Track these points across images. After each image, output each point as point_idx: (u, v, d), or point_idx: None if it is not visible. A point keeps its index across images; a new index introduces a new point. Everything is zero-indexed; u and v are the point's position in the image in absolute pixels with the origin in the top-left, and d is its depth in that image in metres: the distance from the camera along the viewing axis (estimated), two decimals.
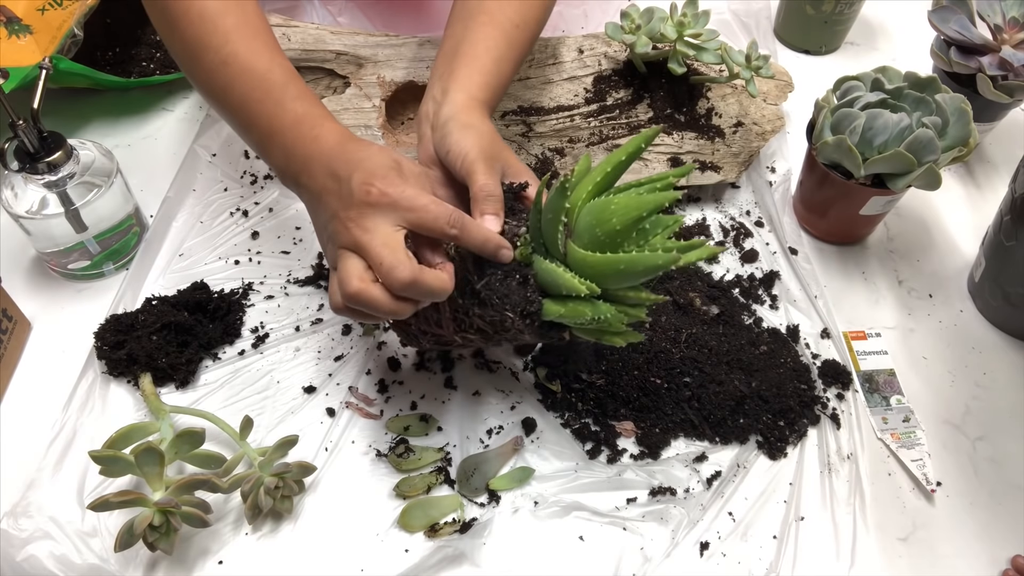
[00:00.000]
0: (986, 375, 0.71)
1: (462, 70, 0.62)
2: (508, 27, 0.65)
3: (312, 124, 0.56)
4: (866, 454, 0.65)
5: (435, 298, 0.52)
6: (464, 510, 0.61)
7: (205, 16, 0.59)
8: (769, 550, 0.60)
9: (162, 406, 0.63)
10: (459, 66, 0.62)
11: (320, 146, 0.55)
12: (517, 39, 0.66)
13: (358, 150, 0.54)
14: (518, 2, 0.66)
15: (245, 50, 0.58)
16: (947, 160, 0.70)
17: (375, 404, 0.67)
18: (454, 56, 0.63)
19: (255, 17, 0.61)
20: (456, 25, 0.66)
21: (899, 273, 0.78)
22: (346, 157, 0.53)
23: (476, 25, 0.64)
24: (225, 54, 0.58)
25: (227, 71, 0.58)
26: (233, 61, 0.58)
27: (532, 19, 0.67)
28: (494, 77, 0.63)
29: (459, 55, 0.63)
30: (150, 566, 0.57)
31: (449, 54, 0.64)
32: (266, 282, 0.74)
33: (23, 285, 0.73)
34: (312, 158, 0.55)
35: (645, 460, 0.64)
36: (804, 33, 1.00)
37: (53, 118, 0.85)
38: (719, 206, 0.83)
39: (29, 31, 0.80)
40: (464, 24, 0.65)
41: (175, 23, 0.60)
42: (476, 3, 0.66)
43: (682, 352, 0.68)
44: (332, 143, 0.55)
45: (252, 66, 0.58)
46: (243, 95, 0.58)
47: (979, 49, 0.78)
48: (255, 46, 0.59)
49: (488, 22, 0.65)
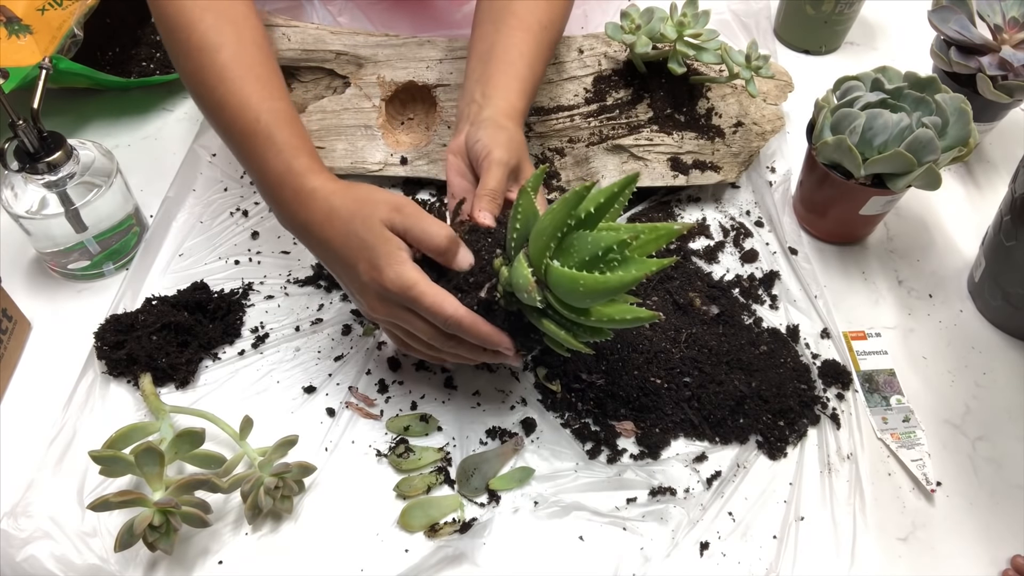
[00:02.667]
0: (986, 375, 0.71)
1: (500, 77, 0.65)
2: (537, 29, 0.68)
3: (296, 186, 0.58)
4: (866, 454, 0.65)
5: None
6: (464, 510, 0.61)
7: (203, 48, 0.60)
8: (769, 550, 0.60)
9: (162, 406, 0.63)
10: (495, 72, 0.66)
11: (311, 215, 0.58)
12: (545, 40, 0.69)
13: (352, 231, 0.55)
14: (544, 3, 0.69)
15: (236, 93, 0.59)
16: (947, 160, 0.70)
17: (375, 404, 0.67)
18: (489, 60, 0.67)
19: (251, 47, 0.61)
20: (486, 26, 0.69)
21: (899, 273, 0.78)
22: (343, 241, 0.56)
23: (507, 29, 0.67)
24: (219, 96, 0.60)
25: (223, 114, 0.60)
26: (226, 105, 0.60)
27: (557, 18, 0.71)
28: (529, 83, 0.67)
29: (493, 59, 0.66)
30: (150, 566, 0.57)
31: (483, 57, 0.67)
32: (266, 282, 0.74)
33: (23, 285, 0.73)
34: (308, 227, 0.58)
35: (645, 460, 0.64)
36: (804, 33, 1.00)
37: (53, 118, 0.85)
38: (719, 206, 0.83)
39: (29, 31, 0.80)
40: (495, 27, 0.68)
41: (178, 54, 0.62)
42: (504, 4, 0.68)
43: (682, 352, 0.68)
44: (321, 216, 0.57)
45: (242, 113, 0.59)
46: (238, 143, 0.60)
47: (979, 49, 0.78)
48: (246, 90, 0.60)
49: (518, 25, 0.68)
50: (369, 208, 0.56)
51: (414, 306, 0.54)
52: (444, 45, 0.84)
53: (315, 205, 0.57)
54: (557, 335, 0.53)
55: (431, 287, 0.54)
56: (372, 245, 0.55)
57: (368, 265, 0.55)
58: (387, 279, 0.54)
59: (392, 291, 0.54)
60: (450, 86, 0.82)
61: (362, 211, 0.56)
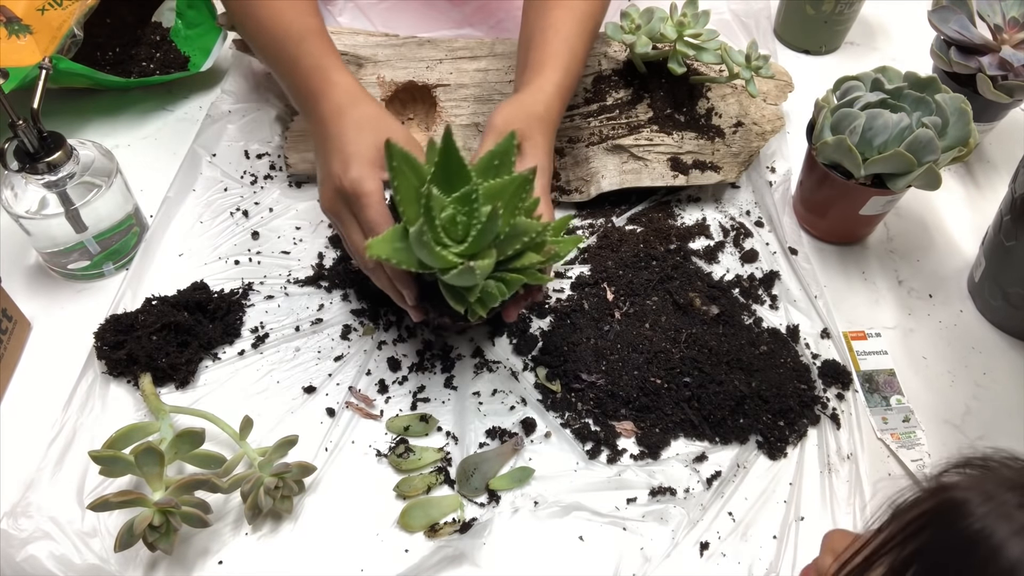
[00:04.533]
0: (986, 375, 0.71)
1: (535, 56, 0.68)
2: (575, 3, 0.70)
3: (321, 77, 0.64)
4: (866, 454, 0.65)
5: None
6: (464, 510, 0.61)
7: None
8: (769, 550, 0.60)
9: (162, 406, 0.63)
10: (532, 55, 0.68)
11: (325, 103, 0.62)
12: (587, 12, 0.71)
13: (345, 132, 0.60)
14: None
15: (273, 9, 0.66)
16: (947, 160, 0.70)
17: (375, 404, 0.67)
18: (528, 47, 0.70)
19: None
20: (528, 15, 0.72)
21: (899, 273, 0.78)
22: (337, 132, 0.61)
23: (545, 11, 0.70)
24: (254, 9, 0.67)
25: (260, 27, 0.67)
26: (263, 20, 0.66)
27: (599, 9, 0.73)
28: (564, 55, 0.68)
29: (532, 45, 0.69)
30: (150, 566, 0.57)
31: (524, 46, 0.71)
32: (266, 282, 0.74)
33: (23, 285, 0.73)
34: (317, 108, 0.63)
35: (645, 460, 0.64)
36: (804, 33, 1.00)
37: (53, 118, 0.85)
38: (719, 206, 0.83)
39: (29, 31, 0.80)
40: (536, 13, 0.71)
41: None
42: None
43: (682, 352, 0.68)
44: (332, 107, 0.62)
45: (278, 24, 0.66)
46: (273, 50, 0.67)
47: (979, 49, 0.78)
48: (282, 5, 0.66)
49: (556, 5, 0.70)
50: (372, 127, 0.60)
51: (358, 213, 0.58)
52: (445, 45, 0.84)
53: (333, 93, 0.62)
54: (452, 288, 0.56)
55: (380, 205, 0.58)
56: (355, 151, 0.59)
57: (341, 161, 0.59)
58: (348, 177, 0.58)
59: (347, 189, 0.58)
60: (450, 86, 0.82)
61: (369, 126, 0.60)
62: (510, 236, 0.53)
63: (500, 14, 0.96)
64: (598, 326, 0.70)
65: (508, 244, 0.54)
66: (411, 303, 0.60)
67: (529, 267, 0.56)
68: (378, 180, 0.59)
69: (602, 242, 0.77)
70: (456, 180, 0.54)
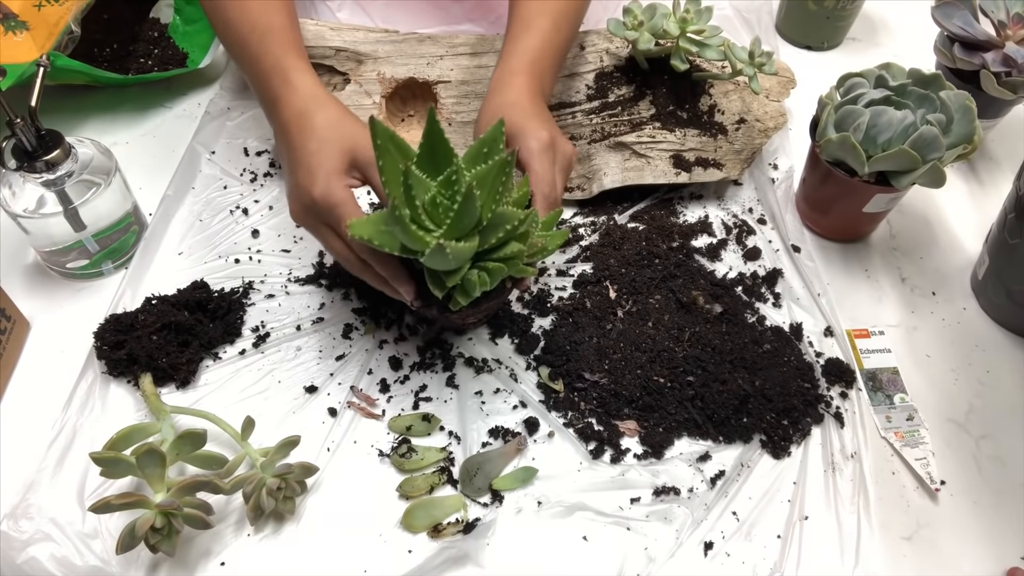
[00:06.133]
0: (990, 373, 0.71)
1: (512, 37, 0.68)
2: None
3: (281, 79, 0.62)
4: (870, 453, 0.64)
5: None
6: (467, 510, 0.61)
7: None
8: (773, 550, 0.59)
9: (163, 406, 0.62)
10: (509, 36, 0.68)
11: (286, 108, 0.61)
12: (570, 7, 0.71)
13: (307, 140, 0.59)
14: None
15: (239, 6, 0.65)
16: (951, 157, 0.69)
17: (377, 404, 0.66)
18: (508, 32, 0.69)
19: None
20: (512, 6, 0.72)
21: (902, 271, 0.78)
22: (300, 141, 0.59)
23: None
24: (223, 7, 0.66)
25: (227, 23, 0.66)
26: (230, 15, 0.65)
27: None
28: (543, 34, 0.68)
29: (510, 28, 0.69)
30: (152, 568, 0.57)
31: (506, 34, 0.70)
32: (267, 281, 0.73)
33: (22, 285, 0.73)
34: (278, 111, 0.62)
35: (649, 460, 0.64)
36: (806, 29, 0.99)
37: (51, 116, 0.84)
38: (721, 203, 0.82)
39: (25, 27, 0.79)
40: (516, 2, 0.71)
41: None
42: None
43: (685, 351, 0.68)
44: (293, 111, 0.61)
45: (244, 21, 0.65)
46: (239, 48, 0.65)
47: (983, 45, 0.78)
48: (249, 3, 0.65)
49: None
50: (335, 133, 0.59)
51: (336, 224, 0.57)
52: (445, 41, 0.83)
53: (293, 98, 0.61)
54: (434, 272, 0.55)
55: (355, 208, 0.57)
56: (318, 163, 0.58)
57: (305, 174, 0.58)
58: (316, 191, 0.57)
59: (319, 203, 0.57)
60: (451, 82, 0.82)
61: (331, 132, 0.59)
62: (493, 224, 0.53)
63: (500, 10, 0.95)
64: (601, 325, 0.70)
65: (491, 232, 0.53)
66: (410, 298, 0.58)
67: (513, 257, 0.56)
68: (346, 187, 0.58)
69: (604, 240, 0.77)
70: (443, 163, 0.53)
